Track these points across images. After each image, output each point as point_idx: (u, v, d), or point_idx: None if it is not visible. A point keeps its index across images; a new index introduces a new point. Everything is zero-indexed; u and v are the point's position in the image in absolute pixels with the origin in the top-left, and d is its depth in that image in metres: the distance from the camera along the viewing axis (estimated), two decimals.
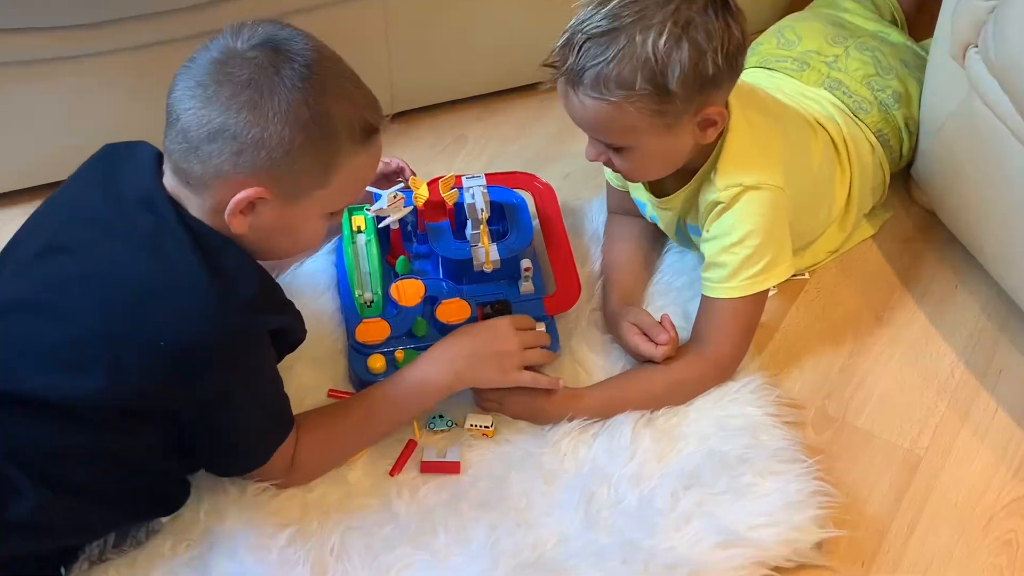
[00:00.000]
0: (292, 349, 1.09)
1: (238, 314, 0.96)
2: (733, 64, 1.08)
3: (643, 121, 1.08)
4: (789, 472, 1.15)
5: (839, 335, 1.33)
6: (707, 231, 1.20)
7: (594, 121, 1.10)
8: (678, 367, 1.20)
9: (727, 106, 1.13)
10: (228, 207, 0.96)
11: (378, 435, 1.17)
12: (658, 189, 1.27)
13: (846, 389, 1.28)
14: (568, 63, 1.07)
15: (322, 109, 0.95)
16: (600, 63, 1.05)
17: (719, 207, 1.17)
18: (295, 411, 1.12)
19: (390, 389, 1.14)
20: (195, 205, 0.99)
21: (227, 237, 0.99)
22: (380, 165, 1.28)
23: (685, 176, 1.21)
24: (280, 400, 1.07)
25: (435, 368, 1.14)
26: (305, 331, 1.08)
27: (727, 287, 1.19)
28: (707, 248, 1.20)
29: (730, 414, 1.20)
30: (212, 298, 0.95)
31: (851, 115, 1.34)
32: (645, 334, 1.22)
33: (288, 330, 1.05)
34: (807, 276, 1.38)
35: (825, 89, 1.34)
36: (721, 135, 1.16)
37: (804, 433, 1.22)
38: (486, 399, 1.21)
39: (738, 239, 1.17)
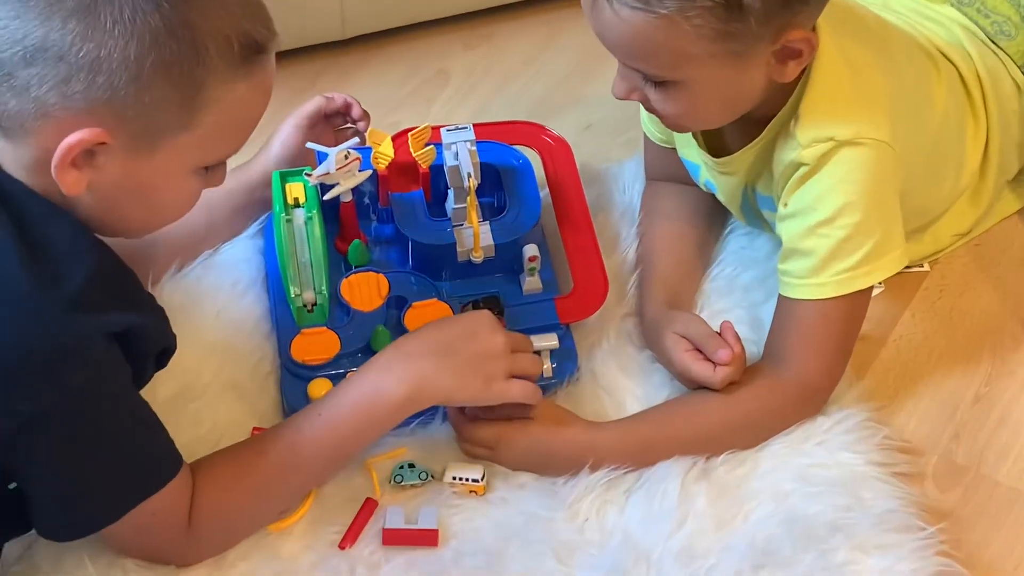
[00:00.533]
0: (160, 364, 1.05)
1: (57, 313, 0.92)
2: None
3: (702, 45, 1.05)
4: (902, 545, 1.11)
5: (972, 351, 1.31)
6: (785, 205, 1.16)
7: (632, 42, 1.07)
8: (744, 396, 1.16)
9: (815, 30, 1.10)
10: (55, 157, 0.92)
11: (312, 479, 1.13)
12: (716, 145, 1.23)
13: (982, 428, 1.25)
14: None
15: (181, 17, 0.91)
16: None
17: (802, 170, 1.14)
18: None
19: (326, 411, 1.10)
20: (13, 159, 0.95)
21: (56, 205, 0.95)
22: (319, 101, 1.29)
23: (754, 126, 1.17)
24: (140, 433, 1.02)
25: (390, 375, 1.10)
26: (173, 336, 1.04)
27: (814, 284, 1.15)
28: (786, 229, 1.16)
29: (818, 463, 1.16)
30: (21, 291, 0.92)
31: (988, 43, 1.30)
32: (698, 350, 1.18)
33: (139, 334, 0.99)
34: (927, 268, 1.36)
35: (953, 6, 1.32)
36: (804, 71, 1.12)
37: (923, 489, 1.18)
38: (473, 440, 1.16)
39: (830, 216, 1.13)
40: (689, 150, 1.26)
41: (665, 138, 1.30)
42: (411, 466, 1.15)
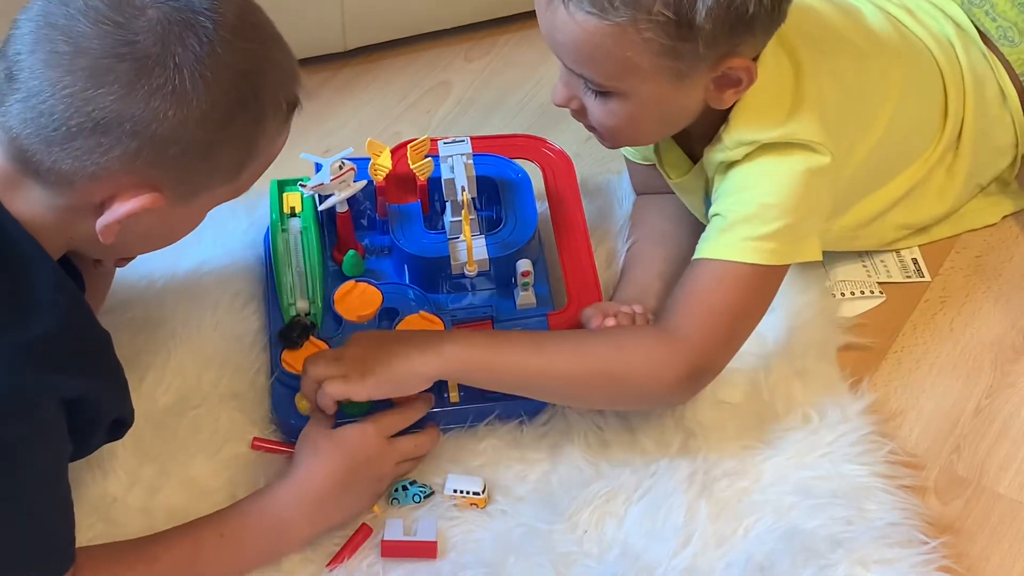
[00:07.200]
0: (114, 435, 1.03)
1: (13, 362, 0.89)
2: (779, 6, 1.08)
3: (648, 58, 1.07)
4: (904, 559, 1.12)
5: (972, 363, 1.31)
6: (715, 192, 1.17)
7: (582, 46, 1.08)
8: (614, 330, 1.16)
9: (755, 60, 1.11)
10: (107, 215, 0.92)
11: None
12: (692, 154, 1.24)
13: (983, 440, 1.25)
14: None
15: (251, 89, 0.92)
16: None
17: (731, 164, 1.15)
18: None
19: (229, 532, 1.08)
20: (28, 198, 0.93)
21: (42, 250, 0.93)
22: None
23: (704, 142, 1.19)
24: (52, 515, 0.97)
25: (297, 514, 1.10)
26: (132, 410, 1.02)
27: (718, 244, 1.13)
28: (711, 209, 1.17)
29: (820, 475, 1.17)
30: None
31: (981, 45, 1.31)
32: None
33: (93, 400, 0.96)
34: (928, 279, 1.37)
35: (960, 6, 1.32)
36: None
37: (925, 502, 1.19)
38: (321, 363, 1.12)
39: (751, 187, 1.13)
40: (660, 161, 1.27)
41: (644, 155, 1.31)
42: (408, 485, 1.15)
